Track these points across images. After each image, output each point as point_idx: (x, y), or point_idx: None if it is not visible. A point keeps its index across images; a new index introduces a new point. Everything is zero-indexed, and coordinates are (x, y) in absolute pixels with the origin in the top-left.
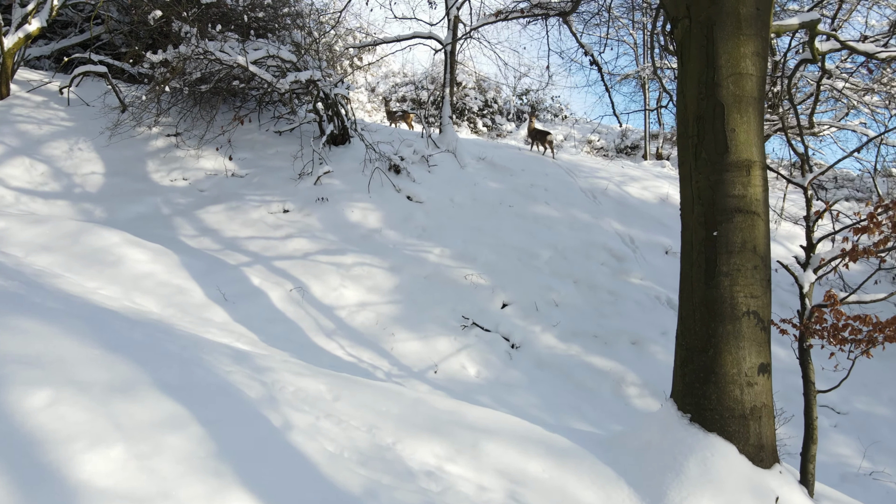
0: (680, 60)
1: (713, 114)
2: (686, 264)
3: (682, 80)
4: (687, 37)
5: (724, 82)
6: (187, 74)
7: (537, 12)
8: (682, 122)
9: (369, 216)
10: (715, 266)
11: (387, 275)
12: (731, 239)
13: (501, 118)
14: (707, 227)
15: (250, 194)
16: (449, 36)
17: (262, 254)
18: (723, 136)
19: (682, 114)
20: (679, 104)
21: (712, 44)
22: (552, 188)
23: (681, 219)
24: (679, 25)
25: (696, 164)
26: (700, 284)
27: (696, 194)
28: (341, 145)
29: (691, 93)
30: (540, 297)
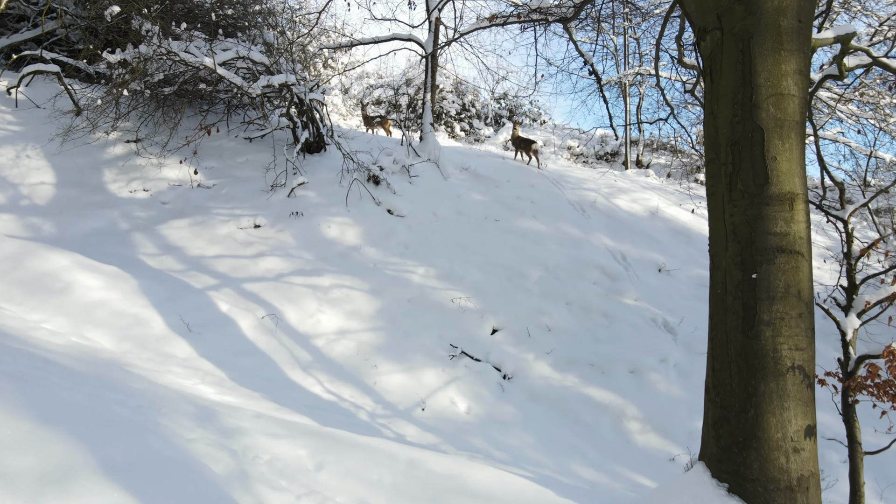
0: (707, 77)
1: (751, 139)
2: (717, 309)
3: (711, 100)
4: (718, 51)
5: (764, 104)
6: (149, 76)
7: (535, 17)
8: (711, 147)
9: (347, 232)
10: (755, 314)
11: (368, 298)
12: (772, 283)
13: (479, 122)
14: (744, 269)
15: (218, 207)
16: (430, 38)
17: (231, 275)
18: (762, 164)
19: (712, 137)
20: (708, 126)
21: (749, 60)
22: (539, 201)
23: (710, 257)
24: (707, 38)
25: (731, 195)
26: (737, 334)
27: (730, 230)
28: (316, 153)
29: (724, 114)
30: (532, 322)
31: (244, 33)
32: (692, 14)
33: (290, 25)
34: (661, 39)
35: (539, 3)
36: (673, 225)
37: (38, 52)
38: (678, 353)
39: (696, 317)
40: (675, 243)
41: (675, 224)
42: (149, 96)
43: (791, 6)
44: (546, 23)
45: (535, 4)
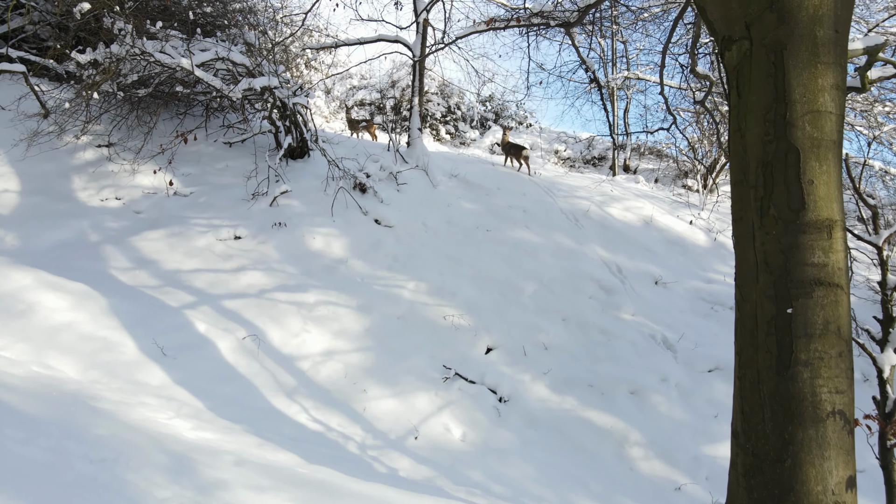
0: (733, 90)
1: (785, 160)
2: (747, 345)
3: (737, 116)
4: (746, 63)
5: (800, 122)
6: (122, 76)
7: (536, 22)
8: (739, 168)
9: (333, 243)
10: (791, 353)
11: (355, 315)
12: (810, 318)
13: (465, 125)
14: (778, 303)
15: (196, 217)
16: (418, 41)
17: (210, 291)
18: (798, 188)
19: (740, 157)
20: (734, 145)
21: (783, 73)
22: (531, 210)
23: (737, 287)
24: (734, 48)
25: (762, 221)
26: (770, 374)
27: (761, 259)
28: (300, 159)
29: (754, 132)
30: (527, 339)
31: (224, 32)
32: (715, 22)
33: (272, 25)
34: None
35: (540, 7)
36: (667, 235)
37: (4, 49)
38: (679, 372)
39: (696, 332)
40: (670, 254)
41: (669, 234)
42: (122, 98)
43: (827, 15)
44: (547, 27)
45: (536, 8)
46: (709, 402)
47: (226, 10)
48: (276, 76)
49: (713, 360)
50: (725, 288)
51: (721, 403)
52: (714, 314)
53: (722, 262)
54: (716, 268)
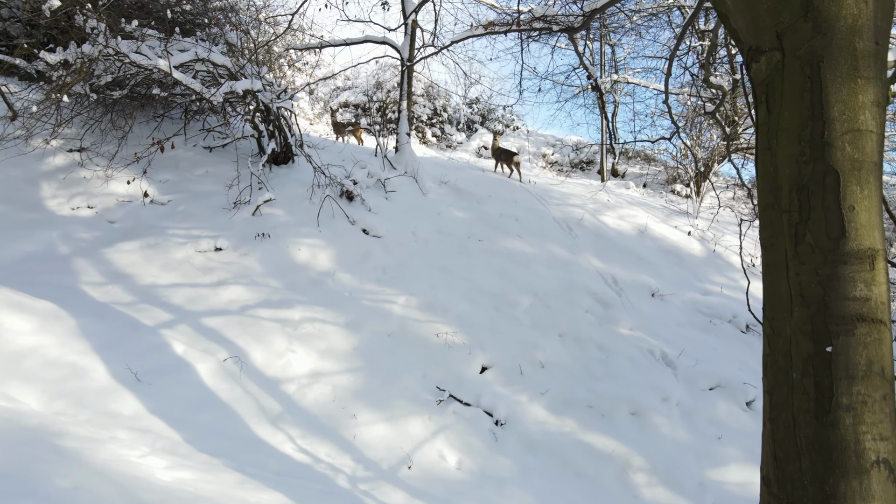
0: (762, 105)
1: (823, 184)
2: (780, 385)
3: (767, 133)
4: (776, 76)
5: (839, 142)
6: (95, 77)
7: (538, 27)
8: (769, 190)
9: (319, 255)
10: (831, 396)
11: (343, 333)
12: (851, 358)
13: (451, 128)
14: (816, 341)
15: (174, 227)
16: (406, 43)
17: (188, 308)
18: (837, 215)
19: (770, 178)
20: (763, 164)
21: (819, 88)
22: (524, 218)
23: (766, 319)
24: (763, 60)
25: (797, 250)
26: (808, 419)
27: (796, 291)
28: (284, 165)
29: (787, 152)
30: (523, 357)
31: (204, 32)
32: (741, 31)
33: (255, 24)
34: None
35: (543, 11)
36: (662, 244)
37: None
38: (680, 390)
39: (695, 347)
40: (665, 264)
41: (664, 243)
42: (95, 100)
43: (867, 26)
44: (549, 32)
45: (538, 12)
46: (712, 423)
47: (206, 9)
48: (260, 79)
49: (714, 378)
50: (723, 300)
51: (724, 424)
52: (713, 328)
53: (718, 273)
54: (712, 279)
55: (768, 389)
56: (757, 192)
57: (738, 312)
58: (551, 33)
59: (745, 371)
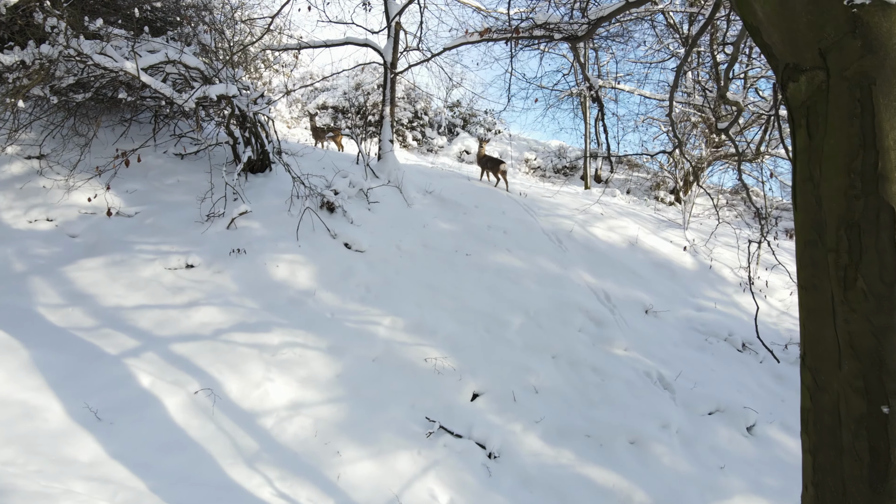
0: (801, 130)
1: (876, 222)
2: (826, 447)
3: (808, 161)
4: (820, 98)
5: (894, 174)
6: (56, 79)
7: (538, 34)
8: (811, 226)
9: (299, 272)
10: (887, 462)
11: (325, 359)
12: None
13: (432, 131)
14: (870, 400)
15: (141, 242)
16: (390, 45)
17: (156, 333)
18: (893, 257)
19: (812, 212)
20: (804, 196)
21: (871, 114)
22: (512, 230)
23: (808, 369)
24: (802, 79)
25: (846, 295)
26: (861, 487)
27: (845, 341)
28: (260, 173)
29: (833, 184)
30: (516, 382)
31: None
32: (774, 46)
33: (230, 24)
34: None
35: (546, 19)
36: (654, 257)
37: None
38: (679, 416)
39: (692, 369)
40: (657, 278)
41: (655, 256)
42: (56, 104)
43: None
44: (550, 41)
45: (540, 20)
46: (713, 451)
47: (178, 6)
48: (235, 83)
49: (713, 401)
50: (717, 317)
51: (725, 452)
52: (709, 346)
53: (710, 287)
54: (705, 293)
55: (810, 449)
56: (795, 226)
57: (733, 330)
58: (553, 41)
59: (743, 393)
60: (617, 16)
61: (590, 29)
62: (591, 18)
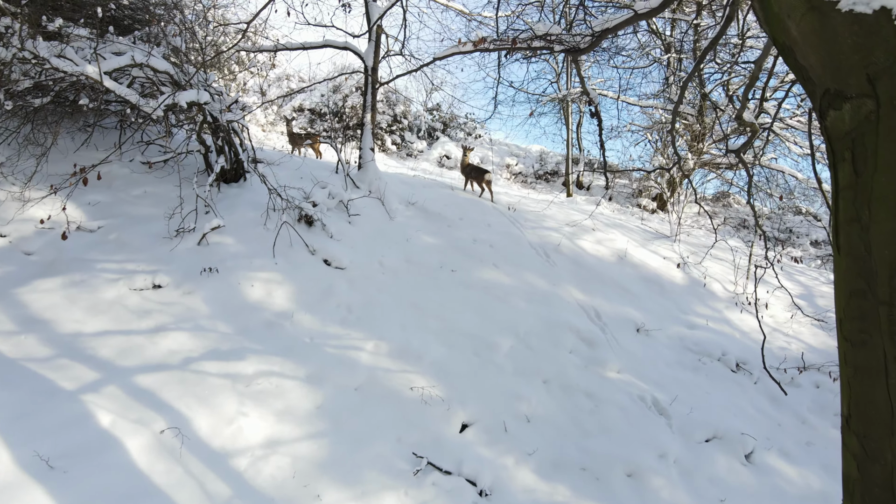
0: (845, 164)
1: None
2: None
3: (853, 200)
4: (869, 130)
5: None
6: (12, 83)
7: (537, 45)
8: (858, 273)
9: (276, 292)
10: None
11: (304, 389)
12: None
13: (412, 135)
14: None
15: (104, 260)
16: (371, 49)
17: (119, 363)
18: None
19: (859, 258)
20: (849, 239)
21: None
22: (498, 244)
23: (854, 434)
24: (846, 107)
25: None
26: None
27: None
28: (234, 183)
29: (885, 227)
30: (507, 410)
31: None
32: (811, 68)
33: (202, 23)
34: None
35: (546, 30)
36: (643, 272)
37: None
38: (676, 444)
39: (687, 392)
40: (648, 294)
41: (644, 270)
42: (10, 109)
43: None
44: (550, 52)
45: (540, 30)
46: (712, 482)
47: (147, 4)
48: (207, 88)
49: (710, 428)
50: (710, 335)
51: (725, 483)
52: (702, 367)
53: (700, 303)
54: (695, 310)
55: None
56: (836, 271)
57: (726, 349)
58: (552, 53)
59: (740, 418)
60: (623, 28)
61: (593, 42)
62: (596, 31)
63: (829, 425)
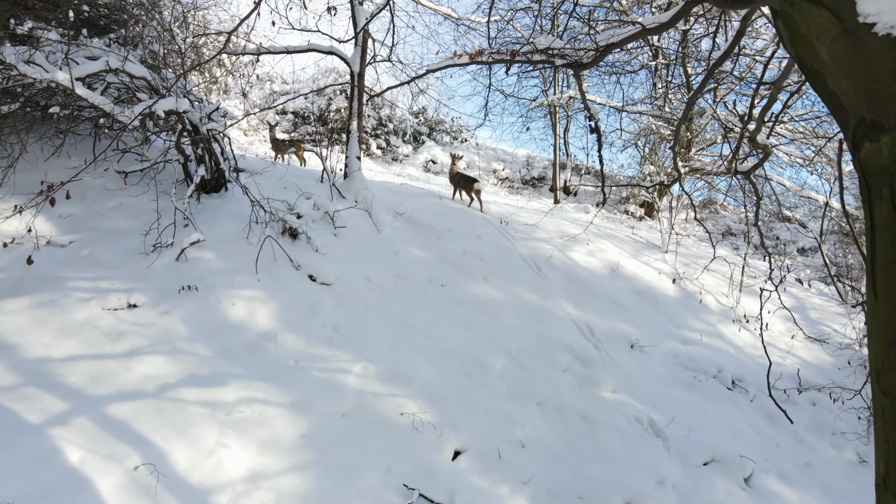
0: (884, 203)
1: None
2: None
3: (892, 240)
4: None
5: None
6: None
7: (537, 59)
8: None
9: (259, 311)
10: None
11: (289, 417)
12: None
13: (397, 139)
14: None
15: (76, 278)
16: (357, 54)
17: (90, 391)
18: None
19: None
20: (888, 283)
21: None
22: (489, 257)
23: (891, 494)
24: (884, 140)
25: None
26: None
27: None
28: (214, 193)
29: None
30: (501, 435)
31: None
32: (843, 95)
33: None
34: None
35: (547, 44)
36: (635, 284)
37: None
38: (675, 468)
39: (683, 412)
40: (640, 308)
41: (637, 283)
42: None
43: None
44: (550, 66)
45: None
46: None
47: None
48: (186, 95)
49: (708, 450)
50: (704, 351)
51: None
52: (698, 385)
53: (694, 316)
54: (689, 324)
55: None
56: (873, 317)
57: (721, 366)
58: (553, 67)
59: (738, 439)
60: (629, 42)
61: (597, 56)
62: (600, 45)
63: (826, 445)
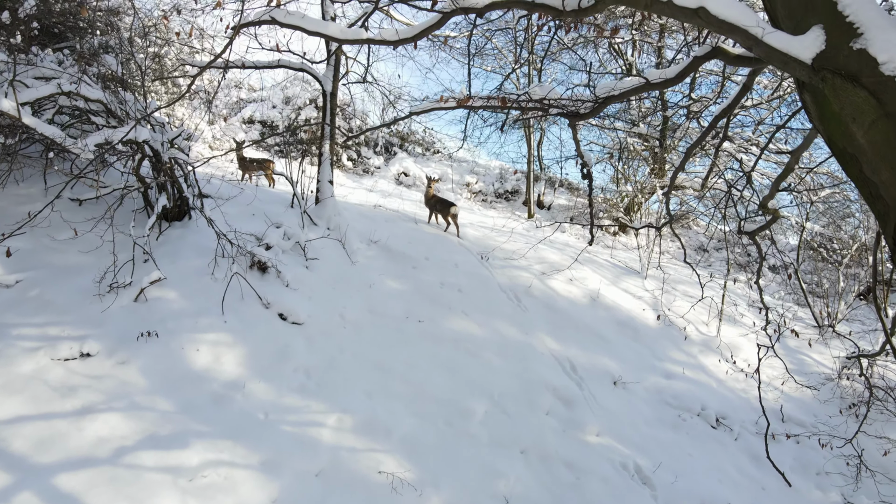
0: None
1: None
2: None
3: None
4: None
5: None
6: None
7: (531, 107)
8: None
9: (225, 356)
10: None
11: (258, 480)
12: None
13: (368, 150)
14: None
15: (22, 324)
16: (330, 72)
17: (35, 459)
18: None
19: None
20: None
21: None
22: (467, 288)
23: None
24: None
25: None
26: None
27: None
28: (177, 222)
29: None
30: (484, 490)
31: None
32: (884, 186)
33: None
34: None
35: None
36: (616, 314)
37: None
38: None
39: (669, 455)
40: (622, 340)
41: (618, 313)
42: None
43: None
44: (545, 116)
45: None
46: None
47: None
48: (147, 119)
49: (696, 498)
50: (687, 386)
51: None
52: (683, 424)
53: (675, 347)
54: (671, 356)
55: None
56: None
57: (705, 403)
58: (547, 116)
59: (725, 484)
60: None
61: (595, 108)
62: (599, 96)
63: (811, 486)
